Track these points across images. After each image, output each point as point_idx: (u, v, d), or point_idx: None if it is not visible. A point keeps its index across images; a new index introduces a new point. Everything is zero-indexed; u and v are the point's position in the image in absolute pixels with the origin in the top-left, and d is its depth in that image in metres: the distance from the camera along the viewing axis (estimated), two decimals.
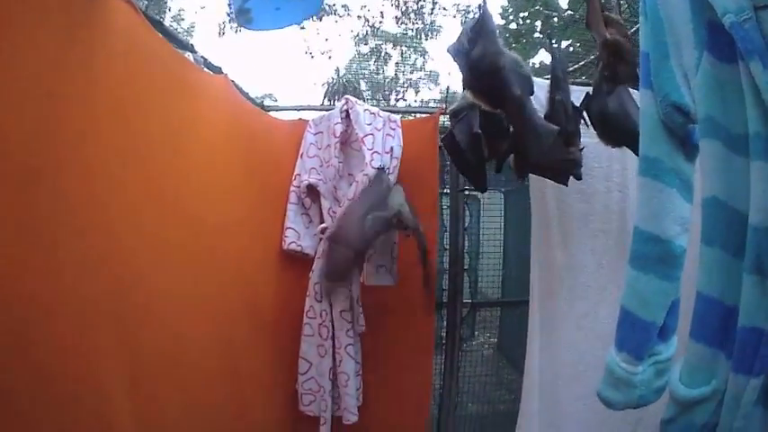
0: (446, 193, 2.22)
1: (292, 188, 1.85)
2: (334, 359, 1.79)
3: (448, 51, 1.45)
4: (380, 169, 1.75)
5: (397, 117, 1.91)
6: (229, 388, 1.44)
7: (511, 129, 1.43)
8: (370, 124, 1.83)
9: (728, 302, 0.75)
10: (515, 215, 2.96)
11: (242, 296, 1.55)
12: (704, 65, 0.77)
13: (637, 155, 1.37)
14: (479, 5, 1.49)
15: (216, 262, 1.39)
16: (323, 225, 1.81)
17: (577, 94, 1.47)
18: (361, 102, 1.87)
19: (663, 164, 0.85)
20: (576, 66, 2.49)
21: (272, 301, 1.77)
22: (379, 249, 1.78)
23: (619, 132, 1.38)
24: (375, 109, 1.89)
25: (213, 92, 1.43)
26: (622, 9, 1.41)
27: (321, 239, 1.81)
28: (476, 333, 3.02)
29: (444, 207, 2.21)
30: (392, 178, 1.80)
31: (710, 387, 0.76)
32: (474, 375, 2.51)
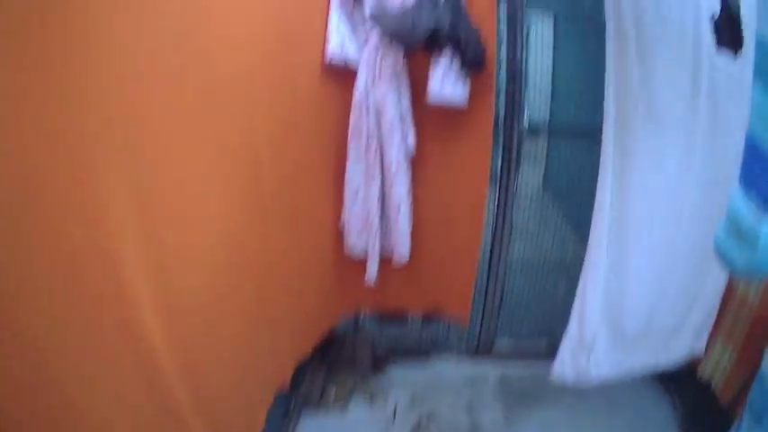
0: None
1: None
2: (383, 185, 1.62)
3: None
4: None
5: None
6: (260, 231, 1.28)
7: None
8: None
9: None
10: (567, 41, 2.51)
11: (274, 118, 1.31)
12: None
13: None
14: None
15: (243, 82, 1.15)
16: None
17: None
18: None
19: None
20: None
21: (314, 120, 1.53)
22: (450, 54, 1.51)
23: None
24: None
25: None
26: None
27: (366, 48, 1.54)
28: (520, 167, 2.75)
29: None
30: None
31: None
32: (520, 212, 2.33)
